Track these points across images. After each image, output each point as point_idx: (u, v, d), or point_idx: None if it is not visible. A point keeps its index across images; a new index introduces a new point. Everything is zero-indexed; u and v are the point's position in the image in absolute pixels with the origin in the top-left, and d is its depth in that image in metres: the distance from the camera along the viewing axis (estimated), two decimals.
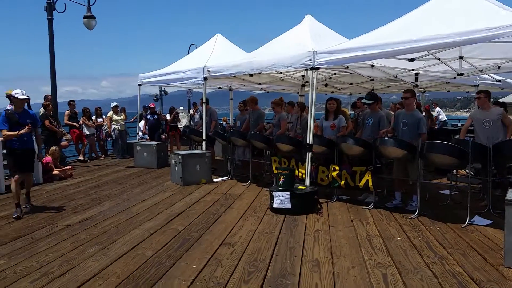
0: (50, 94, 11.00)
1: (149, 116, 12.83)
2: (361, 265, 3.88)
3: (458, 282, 3.47)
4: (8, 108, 6.02)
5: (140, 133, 12.22)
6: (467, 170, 7.03)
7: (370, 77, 9.01)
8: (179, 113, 14.32)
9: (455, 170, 6.98)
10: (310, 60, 6.56)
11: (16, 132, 5.69)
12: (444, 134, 10.28)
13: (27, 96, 5.98)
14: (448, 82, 10.02)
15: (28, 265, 3.89)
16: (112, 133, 12.37)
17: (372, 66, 7.93)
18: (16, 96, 5.79)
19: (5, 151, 6.03)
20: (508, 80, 10.10)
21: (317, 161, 6.96)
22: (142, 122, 12.62)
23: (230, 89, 13.04)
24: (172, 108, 13.87)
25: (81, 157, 11.75)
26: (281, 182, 5.97)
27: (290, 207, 5.73)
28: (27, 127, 5.75)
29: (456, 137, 8.56)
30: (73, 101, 11.88)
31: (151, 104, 13.32)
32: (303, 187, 6.22)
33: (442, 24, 5.41)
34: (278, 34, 9.12)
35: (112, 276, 3.62)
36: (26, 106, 6.07)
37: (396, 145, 5.76)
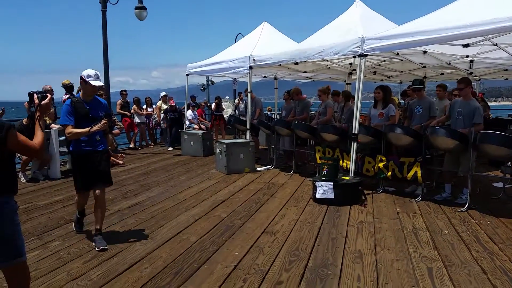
0: (104, 84, 11.48)
1: (169, 114, 12.02)
2: (405, 258, 3.78)
3: (510, 279, 3.30)
4: (70, 97, 4.16)
5: (188, 122, 12.49)
6: None
7: (421, 64, 8.65)
8: (223, 102, 14.47)
9: (510, 162, 6.58)
10: (359, 46, 6.38)
11: (87, 129, 4.03)
12: (499, 124, 9.70)
13: (102, 83, 4.28)
14: (506, 69, 9.41)
15: (80, 247, 4.13)
16: (161, 122, 12.75)
17: (424, 52, 7.61)
18: (88, 80, 4.05)
19: (63, 138, 5.48)
20: None
21: (363, 151, 6.82)
22: (190, 111, 12.90)
23: (275, 78, 13.00)
24: (217, 97, 14.02)
25: (132, 145, 12.22)
26: (324, 172, 5.91)
27: (333, 197, 5.67)
28: (103, 121, 4.11)
29: None
30: (125, 90, 12.35)
31: (171, 102, 12.32)
32: (347, 178, 6.12)
33: (500, 7, 5.08)
34: (327, 21, 8.97)
35: (158, 260, 3.77)
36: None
37: (447, 135, 5.51)
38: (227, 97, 16.62)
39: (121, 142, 12.81)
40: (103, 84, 4.74)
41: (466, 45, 6.00)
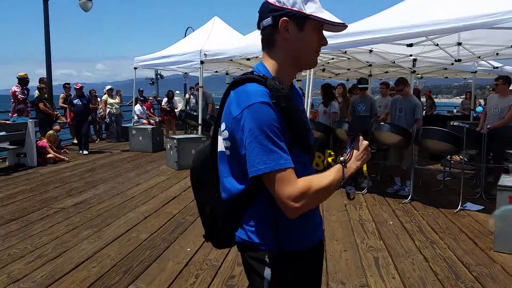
0: (45, 76, 10.92)
1: (75, 101, 9.88)
2: (353, 249, 3.92)
3: (448, 266, 3.52)
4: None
5: (136, 117, 12.15)
6: (461, 156, 7.06)
7: (368, 62, 8.96)
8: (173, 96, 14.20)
9: (449, 156, 7.02)
10: None
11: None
12: (440, 120, 10.30)
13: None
14: (446, 68, 9.99)
15: (22, 248, 3.90)
16: (107, 116, 12.32)
17: (370, 51, 7.88)
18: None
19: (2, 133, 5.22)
20: (506, 67, 10.07)
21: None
22: (138, 105, 12.55)
23: (227, 74, 12.95)
24: (169, 91, 13.68)
25: (75, 141, 11.70)
26: None
27: None
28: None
29: (452, 123, 8.58)
30: (68, 84, 11.78)
31: (76, 85, 10.24)
32: None
33: (442, 10, 5.37)
34: None
35: (106, 259, 3.65)
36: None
37: (391, 130, 5.77)
38: (177, 92, 16.30)
39: (64, 137, 12.23)
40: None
41: (410, 45, 6.29)
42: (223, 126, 1.32)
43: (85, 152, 9.76)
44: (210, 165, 1.47)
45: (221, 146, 1.36)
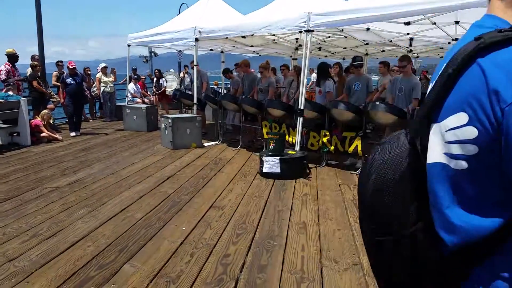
0: (37, 54, 10.74)
1: (68, 80, 9.33)
2: (346, 228, 3.96)
3: None
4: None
5: (130, 96, 12.04)
6: None
7: (364, 41, 8.89)
8: (166, 76, 14.04)
9: None
10: (305, 22, 6.41)
11: None
12: None
13: None
14: (442, 48, 9.93)
15: (17, 227, 3.90)
16: (101, 95, 12.19)
17: (367, 29, 7.81)
18: None
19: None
20: None
21: (309, 126, 6.96)
22: (131, 84, 12.42)
23: (222, 52, 12.81)
24: (156, 71, 13.33)
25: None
26: (271, 147, 5.98)
27: (279, 171, 5.77)
28: None
29: None
30: (61, 61, 11.59)
31: (69, 63, 9.67)
32: (293, 152, 6.24)
33: None
34: None
35: (101, 238, 3.66)
36: None
37: (387, 110, 5.76)
38: (171, 70, 16.14)
39: (59, 116, 12.13)
40: None
41: (408, 23, 6.23)
42: (455, 119, 0.81)
43: (74, 133, 9.35)
44: (410, 180, 0.93)
45: (438, 154, 0.86)
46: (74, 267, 3.10)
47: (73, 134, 9.35)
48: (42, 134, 8.55)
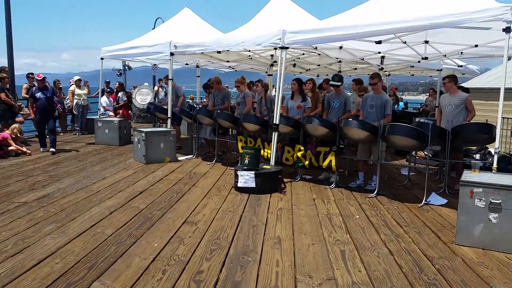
0: (7, 66, 10.45)
1: (38, 94, 8.66)
2: (320, 242, 3.97)
3: (413, 259, 3.62)
4: None
5: (102, 109, 11.83)
6: (425, 152, 7.26)
7: (337, 58, 9.08)
8: (140, 89, 13.87)
9: (414, 152, 7.21)
10: (280, 39, 6.50)
11: None
12: (406, 117, 10.56)
13: None
14: (413, 66, 10.25)
15: None
16: (74, 107, 11.94)
17: (340, 47, 7.99)
18: None
19: None
20: (469, 66, 10.44)
21: (283, 141, 7.00)
22: (104, 97, 12.23)
23: (198, 66, 12.81)
24: (118, 84, 12.98)
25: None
26: (246, 161, 5.97)
27: (254, 186, 5.75)
28: None
29: (417, 119, 8.82)
30: (32, 73, 11.29)
31: (38, 75, 8.97)
32: (268, 167, 6.25)
33: (411, 8, 5.51)
34: (249, 10, 9.04)
35: (70, 255, 3.54)
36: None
37: (359, 127, 5.86)
38: (146, 84, 16.01)
39: (28, 129, 11.78)
40: None
41: (379, 42, 6.42)
42: None
43: (52, 149, 8.66)
44: None
45: None
46: (40, 285, 2.98)
47: (52, 150, 8.67)
48: (10, 148, 8.27)
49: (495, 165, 4.75)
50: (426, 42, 7.28)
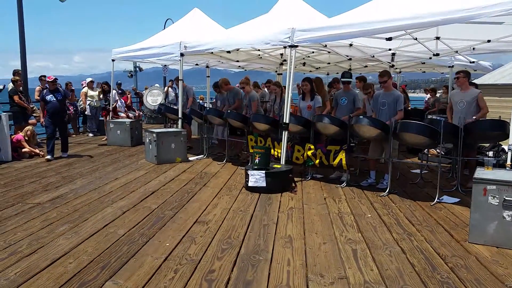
0: (20, 68, 10.61)
1: (49, 97, 8.31)
2: (332, 241, 3.95)
3: (425, 258, 3.59)
4: None
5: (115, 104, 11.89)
6: (438, 150, 7.19)
7: (347, 56, 9.01)
8: (151, 90, 13.94)
9: (426, 149, 7.14)
10: (289, 37, 6.47)
11: None
12: (417, 114, 10.45)
13: None
14: (424, 63, 10.13)
15: None
16: (87, 109, 12.07)
17: (350, 45, 7.93)
18: None
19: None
20: (481, 62, 10.29)
21: (293, 140, 6.98)
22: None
23: (207, 67, 12.84)
24: (103, 84, 12.14)
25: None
26: (256, 161, 5.97)
27: (265, 185, 5.76)
28: None
29: (429, 116, 8.72)
30: (44, 76, 11.45)
31: (48, 77, 8.70)
32: (278, 166, 6.24)
33: (421, 4, 5.44)
34: (259, 10, 9.04)
35: (83, 254, 3.58)
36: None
37: (370, 124, 5.82)
38: (157, 85, 16.12)
39: (41, 131, 11.91)
40: None
41: (389, 39, 6.34)
42: None
43: (49, 157, 8.17)
44: None
45: None
46: (54, 284, 3.02)
47: (48, 157, 8.19)
48: (24, 150, 8.40)
49: (509, 161, 4.69)
50: (437, 38, 7.18)
